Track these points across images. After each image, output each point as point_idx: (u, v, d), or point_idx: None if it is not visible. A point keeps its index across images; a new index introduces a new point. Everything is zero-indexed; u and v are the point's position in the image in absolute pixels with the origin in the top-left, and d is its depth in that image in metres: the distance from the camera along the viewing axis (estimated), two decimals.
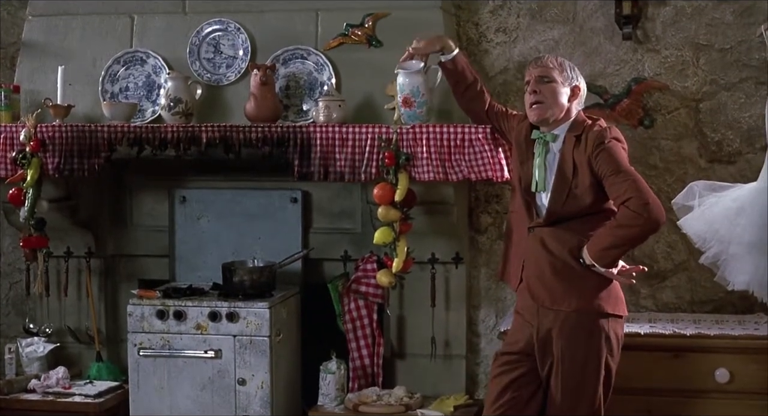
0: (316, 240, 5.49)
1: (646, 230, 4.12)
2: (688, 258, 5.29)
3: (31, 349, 5.63)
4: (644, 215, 4.06)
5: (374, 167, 4.92)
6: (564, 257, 4.23)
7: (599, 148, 4.19)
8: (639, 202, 4.07)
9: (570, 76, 4.35)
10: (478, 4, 5.48)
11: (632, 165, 5.21)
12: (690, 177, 5.18)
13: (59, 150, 5.19)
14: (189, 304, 5.14)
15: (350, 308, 5.30)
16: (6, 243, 6.02)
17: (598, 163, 4.18)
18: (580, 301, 4.20)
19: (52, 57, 5.51)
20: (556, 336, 4.22)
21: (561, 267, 4.24)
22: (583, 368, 4.20)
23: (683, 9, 5.27)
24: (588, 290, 4.21)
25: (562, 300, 4.23)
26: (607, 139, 4.22)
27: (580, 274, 4.21)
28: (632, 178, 4.13)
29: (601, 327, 4.21)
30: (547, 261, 4.27)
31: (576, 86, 4.36)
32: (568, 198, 4.24)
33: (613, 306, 4.24)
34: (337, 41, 5.28)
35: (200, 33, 5.41)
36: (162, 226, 5.64)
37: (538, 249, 4.31)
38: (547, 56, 4.43)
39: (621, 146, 4.27)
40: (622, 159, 4.21)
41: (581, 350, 4.20)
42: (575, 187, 4.23)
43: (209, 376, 5.10)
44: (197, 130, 5.08)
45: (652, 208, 4.07)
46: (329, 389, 5.20)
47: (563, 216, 4.26)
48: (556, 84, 4.31)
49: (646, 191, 4.11)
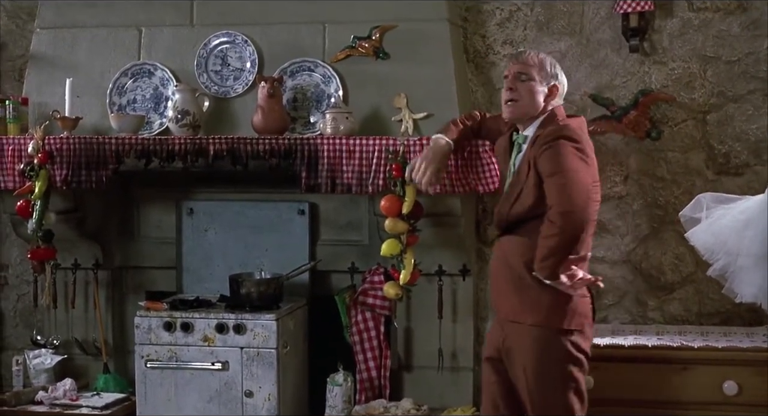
0: (323, 252, 5.49)
1: (563, 239, 3.95)
2: (695, 270, 5.28)
3: (38, 361, 5.63)
4: (558, 224, 3.93)
5: (381, 179, 4.93)
6: (521, 270, 4.14)
7: (544, 146, 4.06)
8: (557, 209, 3.94)
9: (549, 74, 4.25)
10: (485, 16, 5.49)
11: (639, 177, 5.25)
12: (697, 189, 5.17)
13: (67, 162, 5.20)
14: (196, 316, 5.14)
15: (357, 320, 5.30)
16: (14, 255, 6.03)
17: (540, 163, 4.05)
18: (537, 316, 4.11)
19: (60, 69, 5.52)
20: (517, 348, 4.17)
21: (518, 280, 4.16)
22: (545, 382, 4.12)
23: (690, 21, 5.27)
24: (544, 304, 4.10)
25: (520, 314, 4.15)
26: (555, 137, 4.07)
27: (537, 288, 4.10)
28: (562, 182, 3.96)
29: (559, 342, 4.11)
30: (506, 274, 4.21)
31: (554, 85, 4.26)
32: (516, 201, 4.15)
33: (570, 320, 4.11)
34: (345, 53, 5.28)
35: (208, 45, 5.42)
36: (169, 238, 5.65)
37: (498, 261, 4.28)
38: (529, 52, 4.34)
39: (571, 146, 4.06)
40: (564, 160, 4.01)
41: (542, 365, 4.11)
42: (524, 188, 4.13)
43: (216, 388, 5.10)
44: (205, 142, 5.09)
45: (568, 217, 3.92)
46: (336, 401, 5.19)
47: (511, 220, 4.17)
48: (534, 82, 4.22)
49: (569, 197, 3.94)
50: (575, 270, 4.08)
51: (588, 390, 4.74)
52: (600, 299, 5.39)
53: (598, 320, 5.32)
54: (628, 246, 5.38)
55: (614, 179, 5.36)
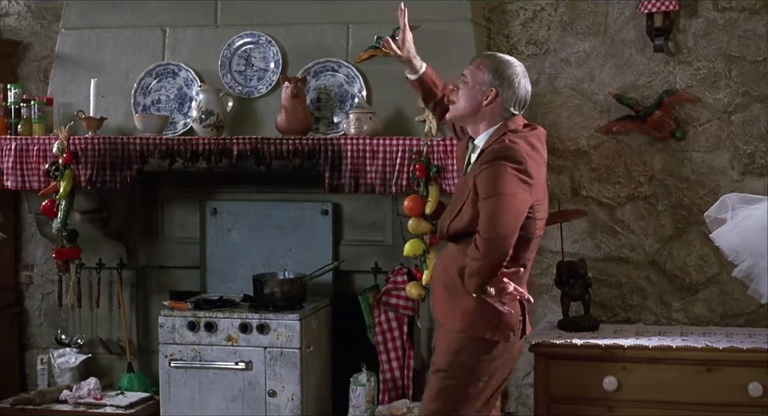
0: (347, 252, 5.50)
1: (485, 264, 3.88)
2: (720, 271, 5.26)
3: (63, 360, 5.66)
4: (481, 250, 3.86)
5: (405, 179, 4.93)
6: (453, 276, 4.09)
7: (483, 166, 3.94)
8: (483, 235, 3.86)
9: (490, 81, 4.03)
10: (508, 16, 5.48)
11: (664, 177, 5.23)
12: (722, 189, 5.15)
13: (92, 162, 5.23)
14: (220, 316, 5.15)
15: (380, 320, 5.30)
16: (39, 255, 6.06)
17: (478, 182, 3.95)
18: (461, 322, 4.06)
19: (85, 70, 5.55)
20: (438, 350, 4.15)
21: (451, 285, 4.11)
22: (439, 374, 4.09)
23: (715, 21, 5.25)
24: (468, 312, 4.04)
25: (448, 318, 4.12)
26: (495, 157, 3.91)
27: (465, 296, 4.04)
28: (492, 206, 3.86)
29: (472, 349, 4.05)
30: (442, 278, 4.18)
31: (492, 90, 4.02)
32: (458, 215, 4.07)
33: (493, 330, 4.04)
34: (368, 54, 5.28)
35: (232, 46, 5.43)
36: (193, 238, 5.67)
37: (438, 266, 4.26)
38: (482, 56, 4.15)
39: (510, 167, 3.89)
40: (500, 183, 3.87)
41: (447, 363, 4.07)
42: (464, 204, 4.04)
43: (240, 388, 5.11)
44: (228, 143, 5.11)
45: (492, 244, 3.84)
46: (359, 401, 5.20)
47: (451, 234, 4.12)
48: (468, 87, 4.05)
49: (496, 225, 3.85)
50: (506, 283, 3.98)
51: (611, 391, 4.76)
52: (624, 300, 5.38)
53: (621, 320, 5.36)
54: (653, 247, 5.37)
55: (639, 179, 5.34)
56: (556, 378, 4.86)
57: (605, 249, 5.42)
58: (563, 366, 4.86)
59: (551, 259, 5.40)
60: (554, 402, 4.89)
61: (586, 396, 4.83)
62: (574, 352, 4.86)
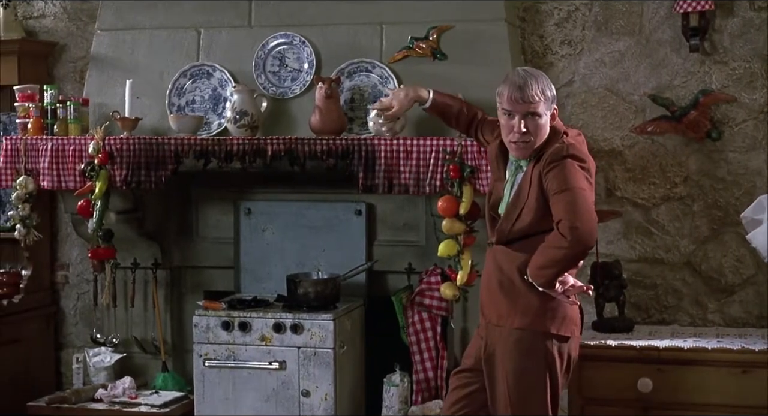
0: (380, 252, 5.50)
1: (570, 253, 3.91)
2: (756, 272, 5.23)
3: (98, 359, 5.70)
4: (568, 238, 3.87)
5: (439, 180, 4.92)
6: (511, 274, 4.11)
7: (551, 165, 4.00)
8: (567, 223, 3.88)
9: (550, 101, 4.09)
10: (543, 16, 5.46)
11: (699, 178, 5.21)
12: (758, 190, 5.12)
13: (127, 162, 5.25)
14: (254, 316, 5.17)
15: (414, 320, 5.30)
16: (74, 254, 6.11)
17: (547, 181, 4.00)
18: (524, 319, 4.07)
19: (120, 70, 5.58)
20: (500, 352, 4.13)
21: (508, 284, 4.12)
22: (525, 384, 4.08)
23: (751, 20, 5.21)
24: (532, 309, 4.06)
25: (506, 318, 4.11)
26: (561, 156, 4.00)
27: (525, 292, 4.06)
28: (571, 198, 3.91)
29: (543, 346, 4.06)
30: (496, 278, 4.17)
31: (555, 108, 4.13)
32: (518, 219, 4.09)
33: (558, 326, 4.07)
34: (402, 54, 5.28)
35: (266, 46, 5.44)
36: (227, 238, 5.69)
37: (490, 266, 4.24)
38: (532, 87, 4.06)
39: (577, 165, 4.00)
40: (571, 178, 3.96)
41: (520, 367, 4.07)
42: (525, 207, 4.08)
43: (273, 387, 5.12)
44: (263, 143, 5.12)
45: (578, 232, 3.86)
46: (393, 402, 5.20)
47: (513, 236, 4.12)
48: (541, 118, 4.07)
49: (579, 213, 3.89)
50: (566, 276, 4.04)
51: (646, 393, 4.73)
52: (659, 301, 5.36)
53: (656, 322, 5.34)
54: (688, 248, 5.34)
55: (674, 180, 5.31)
56: (590, 379, 4.84)
57: (640, 250, 5.40)
58: (597, 368, 4.84)
59: (586, 260, 5.30)
60: (588, 404, 4.87)
61: (620, 398, 4.81)
62: (609, 354, 4.84)
